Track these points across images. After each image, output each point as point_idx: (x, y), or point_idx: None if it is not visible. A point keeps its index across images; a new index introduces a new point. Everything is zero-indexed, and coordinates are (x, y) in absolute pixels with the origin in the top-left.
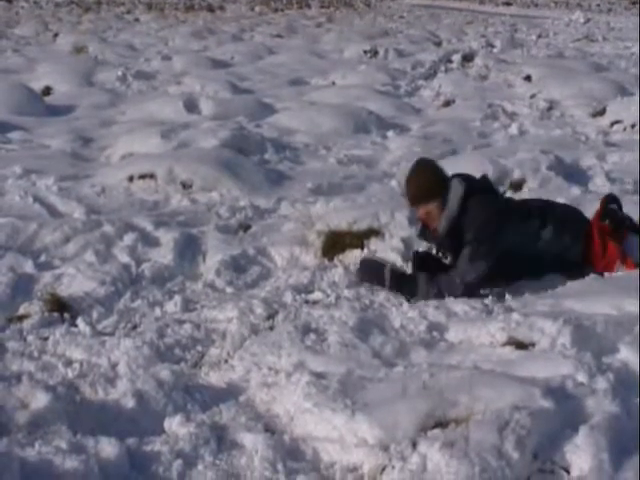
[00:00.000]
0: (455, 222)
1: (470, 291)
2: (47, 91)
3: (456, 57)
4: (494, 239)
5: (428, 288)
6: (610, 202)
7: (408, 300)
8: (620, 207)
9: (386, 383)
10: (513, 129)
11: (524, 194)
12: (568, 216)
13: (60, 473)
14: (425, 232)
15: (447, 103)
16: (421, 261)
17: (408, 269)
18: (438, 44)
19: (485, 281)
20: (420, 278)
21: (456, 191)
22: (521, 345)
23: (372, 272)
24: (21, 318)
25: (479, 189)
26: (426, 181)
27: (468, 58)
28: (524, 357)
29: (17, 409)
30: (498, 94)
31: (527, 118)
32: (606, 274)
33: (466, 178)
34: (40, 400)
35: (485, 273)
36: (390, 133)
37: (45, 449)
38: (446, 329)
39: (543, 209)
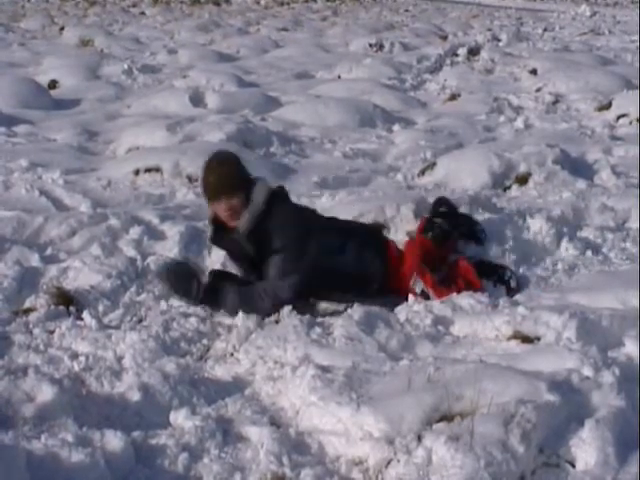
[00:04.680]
0: (259, 220)
1: (277, 308)
2: (53, 85)
3: (462, 51)
4: (304, 248)
5: (234, 303)
6: (439, 206)
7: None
8: (453, 208)
9: (391, 377)
10: (519, 123)
11: (530, 188)
12: (367, 234)
13: (66, 466)
14: (219, 235)
15: (453, 97)
16: (219, 279)
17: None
18: (444, 38)
19: (296, 297)
20: (227, 293)
21: (261, 188)
22: (526, 339)
23: (180, 282)
24: (27, 311)
25: (282, 196)
26: (230, 172)
27: (474, 52)
28: (529, 351)
29: (23, 402)
30: (504, 88)
31: (533, 112)
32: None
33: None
34: (46, 393)
35: (298, 287)
36: (396, 127)
37: (51, 442)
38: (451, 323)
39: (343, 227)
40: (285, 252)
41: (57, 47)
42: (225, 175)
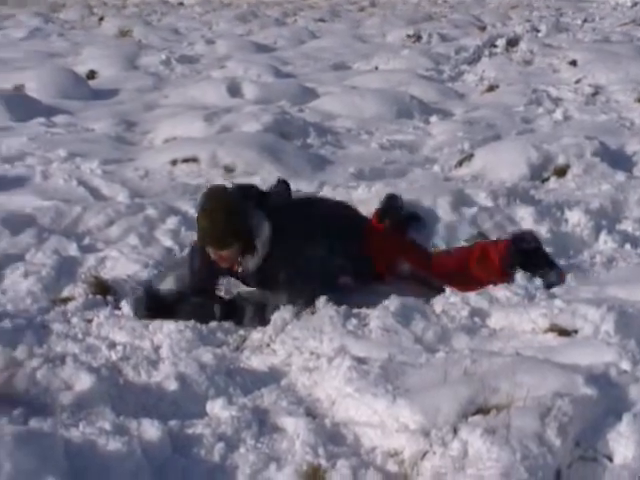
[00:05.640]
0: (265, 260)
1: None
2: (92, 75)
3: (500, 42)
4: (309, 269)
5: (255, 322)
6: (390, 201)
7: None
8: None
9: (427, 369)
10: (557, 114)
11: (568, 180)
12: (342, 224)
13: (103, 454)
14: (208, 269)
15: (491, 88)
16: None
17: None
18: (482, 28)
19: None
20: (248, 312)
21: (263, 232)
22: (564, 332)
23: (198, 312)
24: (65, 300)
25: (284, 214)
26: (223, 224)
27: (512, 43)
28: (566, 344)
29: (61, 390)
30: (543, 79)
31: (572, 103)
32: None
33: (267, 205)
34: (84, 382)
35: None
36: (433, 118)
37: (89, 430)
38: (488, 315)
39: (325, 226)
40: (292, 281)
41: (96, 37)
42: (216, 227)
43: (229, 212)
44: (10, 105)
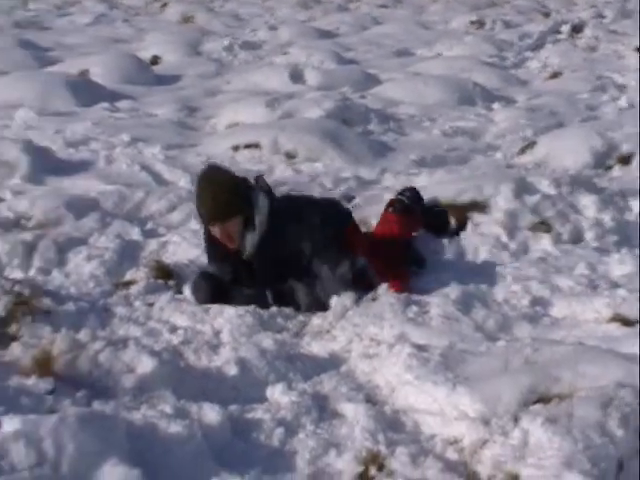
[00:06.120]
0: (267, 237)
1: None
2: (155, 60)
3: (565, 28)
4: (328, 234)
5: (311, 305)
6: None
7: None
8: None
9: (488, 357)
10: (622, 102)
11: (633, 169)
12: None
13: (164, 437)
14: (219, 255)
15: (554, 75)
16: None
17: None
18: (546, 15)
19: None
20: (299, 294)
21: (263, 206)
22: (627, 322)
23: (252, 300)
24: (127, 284)
25: (282, 198)
26: (223, 196)
27: (577, 29)
28: (630, 334)
29: (123, 373)
30: (608, 66)
31: (637, 90)
32: None
33: (266, 185)
34: (146, 365)
35: (352, 260)
36: (495, 105)
37: (150, 413)
38: (550, 304)
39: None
40: (322, 251)
41: (159, 23)
42: (216, 200)
43: (228, 182)
44: (75, 90)
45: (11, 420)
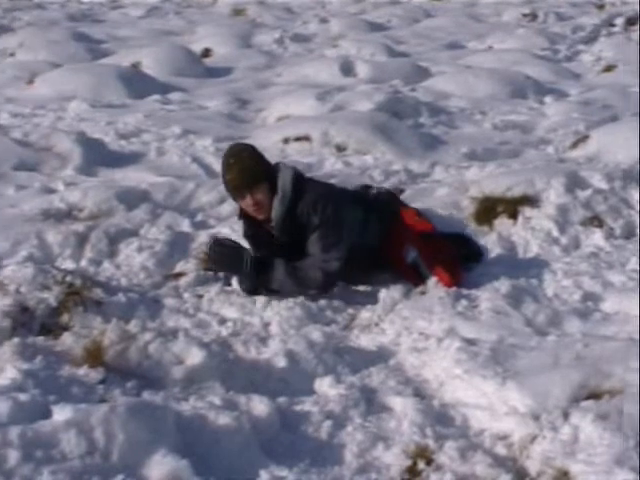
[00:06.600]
0: (291, 206)
1: (330, 282)
2: (206, 53)
3: (619, 20)
4: (341, 220)
5: (285, 278)
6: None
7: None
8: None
9: (538, 352)
10: None
11: None
12: (380, 202)
13: (213, 428)
14: (252, 230)
15: (608, 68)
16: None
17: None
18: (600, 7)
19: (341, 272)
20: (278, 266)
21: (286, 174)
22: None
23: (228, 256)
24: (177, 276)
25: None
26: (248, 165)
27: (632, 21)
28: None
29: (173, 364)
30: None
31: None
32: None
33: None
34: (195, 356)
35: (343, 260)
36: (547, 98)
37: (199, 404)
38: (601, 299)
39: (363, 199)
40: (324, 227)
41: (211, 16)
42: (244, 169)
43: (250, 154)
44: (127, 82)
45: (62, 409)
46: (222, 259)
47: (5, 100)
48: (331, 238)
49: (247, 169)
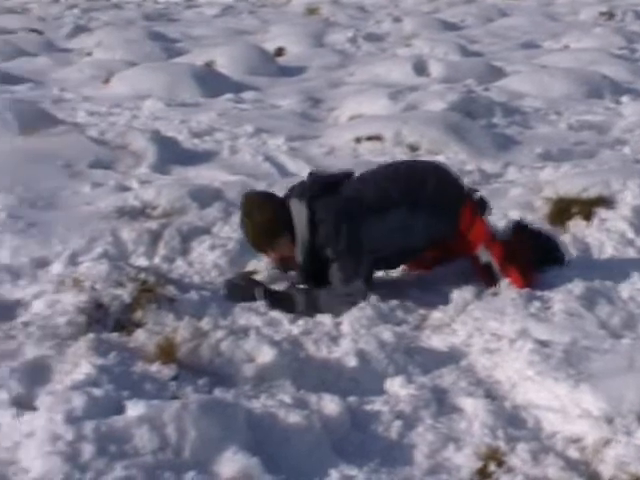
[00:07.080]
0: (311, 247)
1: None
2: (280, 52)
3: None
4: (358, 249)
5: (306, 310)
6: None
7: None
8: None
9: (612, 355)
10: None
11: None
12: (439, 194)
13: (283, 427)
14: (288, 268)
15: None
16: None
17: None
18: None
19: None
20: (296, 295)
21: (298, 215)
22: None
23: (243, 295)
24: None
25: (321, 195)
26: (262, 221)
27: None
28: None
29: (244, 362)
30: None
31: None
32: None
33: (301, 190)
34: (266, 354)
35: (367, 283)
36: (624, 98)
37: (270, 402)
38: None
39: (408, 194)
40: (341, 258)
41: (285, 15)
42: (257, 229)
43: (263, 207)
44: (201, 81)
45: (135, 405)
46: (235, 299)
47: (82, 99)
48: (349, 269)
49: (261, 228)
